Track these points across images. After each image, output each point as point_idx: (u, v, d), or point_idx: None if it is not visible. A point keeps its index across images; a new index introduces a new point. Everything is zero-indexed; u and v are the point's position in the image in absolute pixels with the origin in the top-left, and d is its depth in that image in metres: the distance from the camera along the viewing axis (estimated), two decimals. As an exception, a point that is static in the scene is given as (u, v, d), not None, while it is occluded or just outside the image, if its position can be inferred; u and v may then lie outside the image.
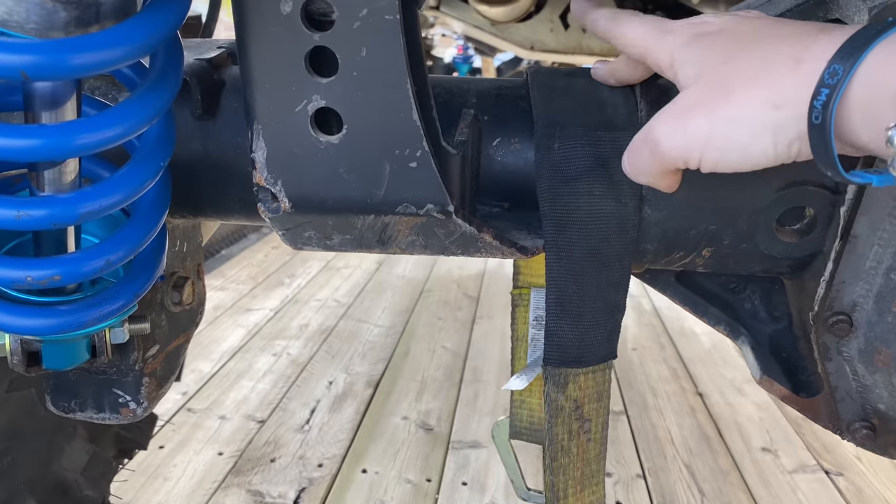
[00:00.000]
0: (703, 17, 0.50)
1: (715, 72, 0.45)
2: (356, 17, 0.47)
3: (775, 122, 0.41)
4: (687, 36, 0.48)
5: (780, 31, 0.44)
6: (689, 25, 0.49)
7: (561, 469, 0.63)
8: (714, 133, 0.43)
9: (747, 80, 0.43)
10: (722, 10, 0.62)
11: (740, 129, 0.42)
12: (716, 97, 0.44)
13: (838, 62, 0.39)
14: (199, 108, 0.61)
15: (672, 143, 0.45)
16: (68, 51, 0.39)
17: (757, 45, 0.44)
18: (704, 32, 0.47)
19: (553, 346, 0.60)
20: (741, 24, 0.47)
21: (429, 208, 0.53)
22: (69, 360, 0.64)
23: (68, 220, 0.47)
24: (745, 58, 0.44)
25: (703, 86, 0.45)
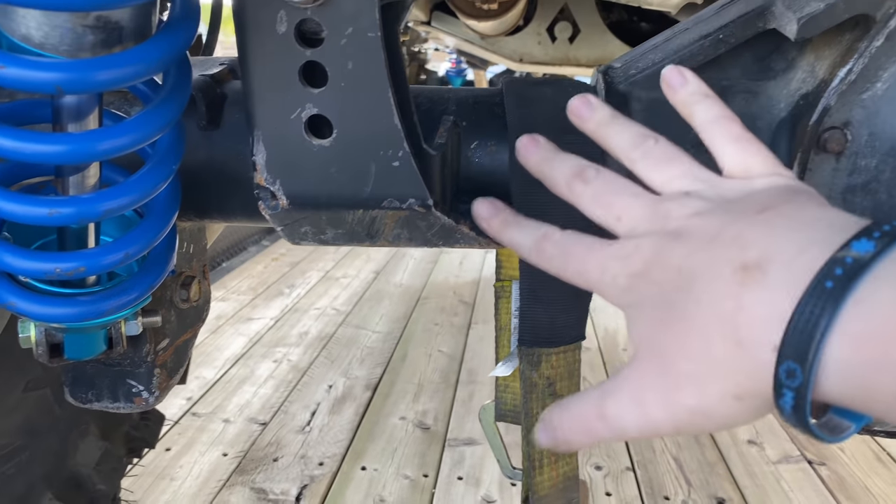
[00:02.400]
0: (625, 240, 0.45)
1: (655, 345, 0.40)
2: (343, 34, 0.53)
3: (745, 408, 0.36)
4: (620, 273, 0.43)
5: (699, 277, 0.38)
6: (615, 258, 0.44)
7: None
8: (679, 422, 0.39)
9: (695, 370, 0.37)
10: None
11: (706, 419, 0.38)
12: (667, 387, 0.39)
13: (791, 359, 0.32)
14: (203, 120, 0.68)
15: (636, 426, 0.40)
16: (95, 69, 0.46)
17: (687, 307, 0.38)
18: (633, 273, 0.43)
19: (526, 329, 0.66)
20: (661, 257, 0.41)
21: (410, 203, 0.59)
22: (88, 350, 0.70)
23: (93, 217, 0.53)
24: (682, 331, 0.38)
25: (649, 365, 0.40)
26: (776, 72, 0.66)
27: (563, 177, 0.50)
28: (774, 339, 0.33)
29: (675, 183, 0.45)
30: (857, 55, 0.59)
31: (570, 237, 0.48)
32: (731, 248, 0.37)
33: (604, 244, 0.46)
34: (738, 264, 0.36)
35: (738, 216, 0.39)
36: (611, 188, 0.47)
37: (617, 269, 0.43)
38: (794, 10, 0.58)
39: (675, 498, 1.60)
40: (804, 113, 0.62)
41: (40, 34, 0.45)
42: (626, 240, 0.44)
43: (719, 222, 0.40)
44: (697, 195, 0.43)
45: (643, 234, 0.43)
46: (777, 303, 0.33)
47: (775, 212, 0.38)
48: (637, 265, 0.42)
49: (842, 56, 0.60)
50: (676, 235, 0.41)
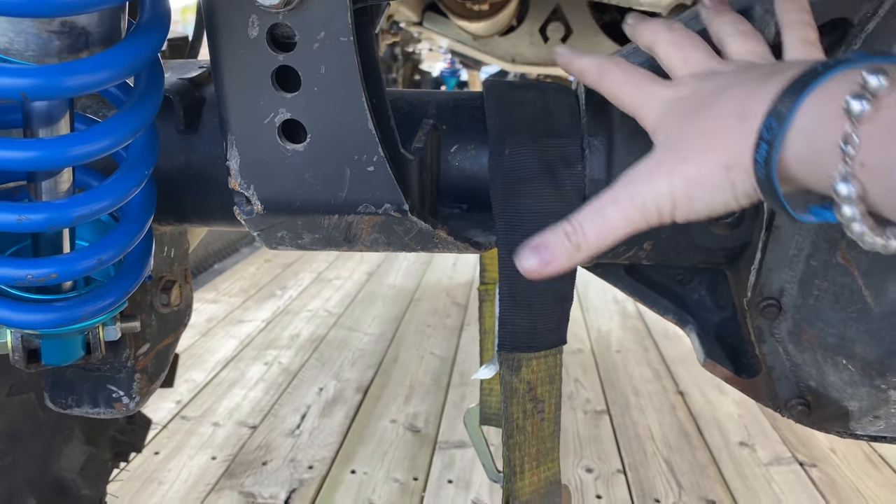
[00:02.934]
0: (680, 78, 0.52)
1: (676, 135, 0.47)
2: (315, 39, 0.53)
3: (730, 180, 0.43)
4: (665, 100, 0.50)
5: (736, 85, 0.46)
6: (668, 88, 0.51)
7: (517, 446, 0.69)
8: (676, 192, 0.45)
9: (701, 143, 0.45)
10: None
11: (700, 189, 0.45)
12: (674, 160, 0.46)
13: (773, 116, 0.40)
14: (181, 123, 0.67)
15: (643, 201, 0.47)
16: (61, 74, 0.45)
17: (714, 105, 0.46)
18: (679, 97, 0.49)
19: (506, 333, 0.66)
20: (708, 82, 0.48)
21: (386, 207, 0.59)
22: (66, 356, 0.70)
23: (63, 223, 0.53)
24: (701, 119, 0.46)
25: (666, 149, 0.47)
26: None
27: (651, 26, 0.56)
28: (767, 105, 0.41)
29: (745, 55, 0.52)
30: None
31: (635, 66, 0.55)
32: (762, 70, 0.46)
33: (663, 79, 0.52)
34: (768, 72, 0.44)
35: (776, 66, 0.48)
36: (690, 38, 0.54)
37: (666, 94, 0.50)
38: (773, 13, 0.58)
39: (666, 500, 1.60)
40: None
41: (5, 40, 0.45)
42: (681, 77, 0.52)
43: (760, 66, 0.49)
44: (754, 62, 0.51)
45: (698, 73, 0.51)
46: (783, 86, 0.41)
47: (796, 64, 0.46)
48: (685, 91, 0.49)
49: None
50: (726, 72, 0.49)
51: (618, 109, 0.66)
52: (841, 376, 0.69)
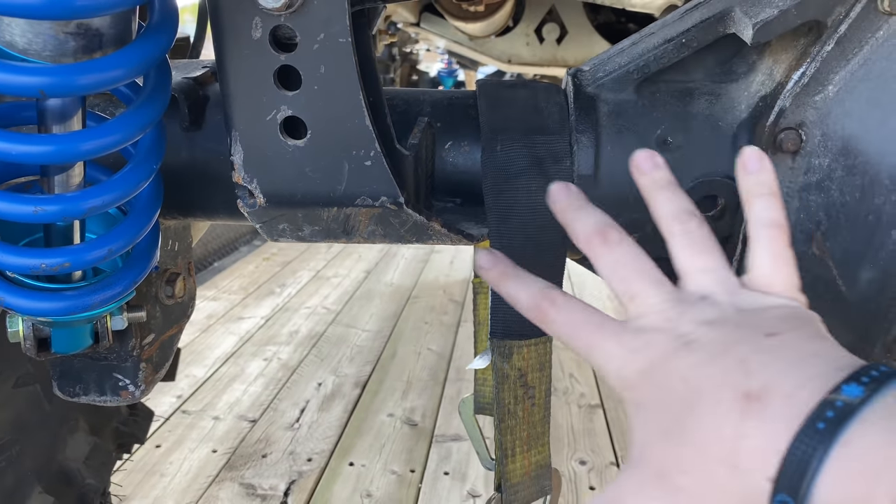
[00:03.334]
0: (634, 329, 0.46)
1: (656, 454, 0.42)
2: (315, 40, 0.56)
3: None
4: (626, 367, 0.45)
5: (704, 398, 0.40)
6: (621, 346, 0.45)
7: (508, 430, 0.72)
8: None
9: (693, 488, 0.40)
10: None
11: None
12: (665, 498, 0.41)
13: (785, 492, 0.35)
14: (186, 121, 0.70)
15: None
16: (76, 73, 0.48)
17: (689, 425, 0.40)
18: (636, 369, 0.44)
19: (498, 321, 0.69)
20: (670, 363, 0.43)
21: (383, 200, 0.62)
22: (75, 344, 0.73)
23: (77, 214, 0.56)
24: (682, 447, 0.40)
25: (649, 473, 0.42)
26: (737, 75, 0.68)
27: (584, 230, 0.50)
28: (770, 471, 0.36)
29: (699, 277, 0.47)
30: (809, 59, 0.61)
31: (576, 306, 0.49)
32: (737, 372, 0.39)
33: (614, 326, 0.47)
34: (742, 392, 0.38)
35: (746, 336, 0.41)
36: (633, 265, 0.48)
37: (623, 361, 0.45)
38: (751, 15, 0.61)
39: (658, 492, 1.63)
40: (763, 114, 0.65)
41: (24, 41, 0.47)
42: (635, 330, 0.46)
43: (728, 339, 0.42)
44: (714, 301, 0.45)
45: (653, 328, 0.45)
46: (775, 436, 0.36)
47: (781, 339, 0.41)
48: (643, 363, 0.44)
49: (797, 60, 0.63)
50: (686, 343, 0.43)
51: (605, 107, 0.69)
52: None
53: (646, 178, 0.51)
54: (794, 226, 0.66)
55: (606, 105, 0.69)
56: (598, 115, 0.68)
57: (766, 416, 0.37)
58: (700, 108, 0.68)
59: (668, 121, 0.67)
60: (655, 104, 0.68)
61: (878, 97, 0.61)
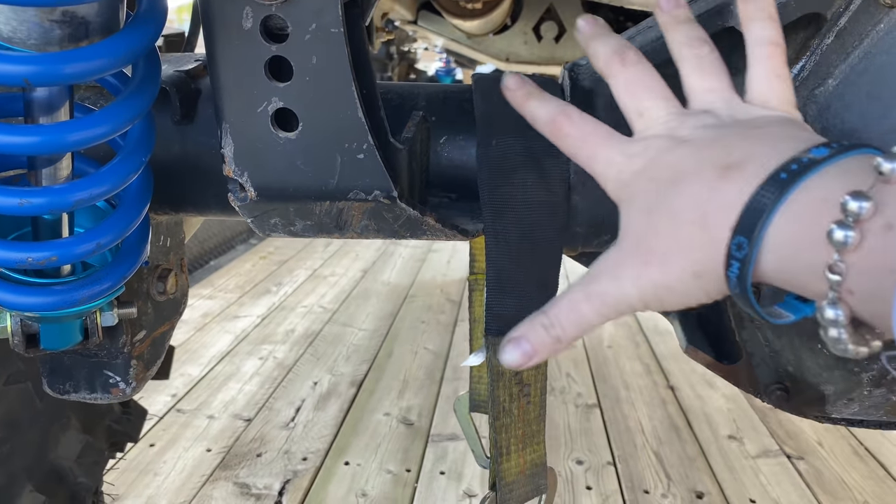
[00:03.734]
0: (636, 138, 0.49)
1: (637, 229, 0.45)
2: (307, 30, 0.55)
3: (700, 285, 0.42)
4: (620, 170, 0.47)
5: (692, 175, 0.43)
6: (622, 154, 0.48)
7: (503, 428, 0.71)
8: (645, 295, 0.44)
9: (664, 247, 0.43)
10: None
11: (668, 293, 0.43)
12: (638, 262, 0.44)
13: (741, 234, 0.38)
14: (177, 114, 0.69)
15: (615, 300, 0.45)
16: (62, 62, 0.47)
17: (670, 201, 0.43)
18: (633, 169, 0.47)
19: (493, 318, 0.68)
20: (662, 157, 0.46)
21: (376, 194, 0.61)
22: (64, 340, 0.72)
23: (63, 207, 0.55)
24: (660, 216, 0.43)
25: (628, 245, 0.45)
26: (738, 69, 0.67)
27: (605, 52, 0.53)
28: (732, 219, 0.39)
29: (705, 96, 0.49)
30: (809, 52, 0.61)
31: (589, 122, 0.51)
32: (720, 152, 0.42)
33: (619, 138, 0.49)
34: (722, 164, 0.41)
35: (735, 131, 0.44)
36: (645, 82, 0.51)
37: (622, 165, 0.48)
38: None
39: (655, 491, 1.62)
40: None
41: (8, 28, 0.46)
42: (638, 139, 0.49)
43: (718, 134, 0.45)
44: (714, 113, 0.48)
45: (655, 135, 0.48)
46: (744, 192, 0.39)
47: (766, 130, 0.44)
48: (640, 163, 0.47)
49: (796, 53, 0.62)
50: (681, 141, 0.46)
51: (601, 101, 0.68)
52: (817, 361, 0.71)
53: (665, 15, 0.54)
54: None
55: (603, 99, 0.68)
56: (595, 109, 0.67)
57: (740, 178, 0.40)
58: None
59: None
60: None
61: (878, 91, 0.60)
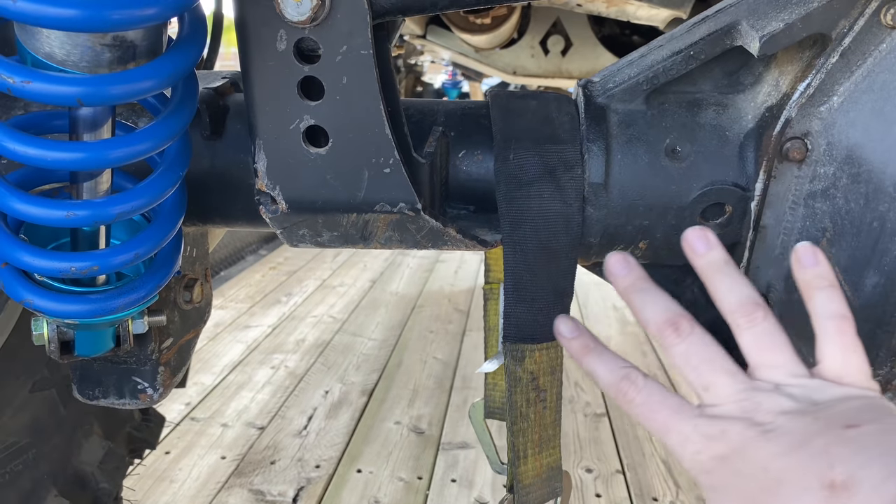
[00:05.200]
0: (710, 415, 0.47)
1: None
2: (338, 52, 0.58)
3: None
4: (703, 452, 0.46)
5: (786, 485, 0.41)
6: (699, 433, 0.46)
7: (520, 432, 0.73)
8: None
9: None
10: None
11: None
12: None
13: None
14: (207, 130, 0.72)
15: None
16: (112, 83, 0.50)
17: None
18: (716, 456, 0.45)
19: (511, 326, 0.70)
20: (748, 451, 0.44)
21: (401, 207, 0.64)
22: (97, 347, 0.74)
23: (106, 219, 0.57)
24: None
25: None
26: (744, 86, 0.70)
27: (655, 318, 0.53)
28: None
29: (770, 372, 0.49)
30: (815, 71, 0.63)
31: (655, 389, 0.51)
32: (820, 461, 0.40)
33: (691, 411, 0.48)
34: (827, 481, 0.39)
35: (826, 427, 0.42)
36: (704, 354, 0.51)
37: (700, 446, 0.46)
38: (757, 28, 0.62)
39: (664, 499, 1.64)
40: (769, 124, 0.67)
41: (62, 52, 0.50)
42: (711, 418, 0.47)
43: (808, 430, 0.43)
44: (788, 392, 0.47)
45: (729, 416, 0.46)
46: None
47: (862, 430, 0.42)
48: (721, 449, 0.45)
49: (802, 71, 0.65)
50: (764, 432, 0.44)
51: (615, 117, 0.71)
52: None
53: (701, 259, 0.54)
54: (800, 233, 0.68)
55: (616, 115, 0.70)
56: (608, 125, 0.70)
57: (849, 500, 0.38)
58: (708, 119, 0.69)
59: (676, 130, 0.69)
60: (664, 114, 0.69)
61: (881, 108, 0.63)
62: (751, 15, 0.64)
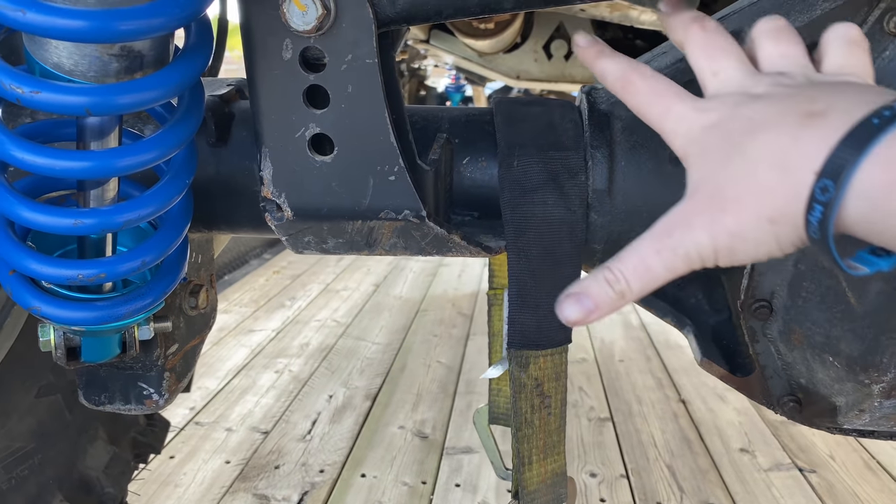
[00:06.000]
0: (709, 97, 0.49)
1: (710, 179, 0.44)
2: (343, 61, 0.58)
3: (774, 234, 0.41)
4: (692, 126, 0.47)
5: (771, 124, 0.42)
6: (695, 110, 0.48)
7: (525, 438, 0.73)
8: (718, 244, 0.43)
9: (739, 193, 0.42)
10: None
11: (742, 242, 0.42)
12: (712, 208, 0.43)
13: (827, 177, 0.37)
14: (212, 137, 0.73)
15: (686, 252, 0.44)
16: (120, 93, 0.50)
17: (747, 148, 0.43)
18: (707, 124, 0.46)
19: (515, 332, 0.71)
20: (738, 110, 0.45)
21: (405, 214, 0.64)
22: (104, 353, 0.75)
23: (113, 227, 0.58)
24: (735, 164, 0.43)
25: (701, 195, 0.44)
26: None
27: (683, 19, 0.54)
28: (817, 165, 0.38)
29: (778, 61, 0.50)
30: None
31: (660, 79, 0.51)
32: (802, 102, 0.42)
33: (691, 96, 0.49)
34: (805, 112, 0.41)
35: (815, 86, 0.44)
36: (722, 44, 0.51)
37: (694, 120, 0.47)
38: None
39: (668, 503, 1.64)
40: None
41: (70, 62, 0.50)
42: (711, 97, 0.49)
43: (797, 90, 0.44)
44: (790, 75, 0.48)
45: (729, 93, 0.48)
46: (828, 137, 0.38)
47: (848, 86, 0.44)
48: (713, 117, 0.46)
49: None
50: (757, 97, 0.45)
51: (618, 124, 0.71)
52: (828, 373, 0.73)
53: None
54: None
55: (620, 122, 0.71)
56: (612, 132, 0.70)
57: (825, 124, 0.39)
58: None
59: None
60: None
61: None
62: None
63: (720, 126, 0.46)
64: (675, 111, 0.49)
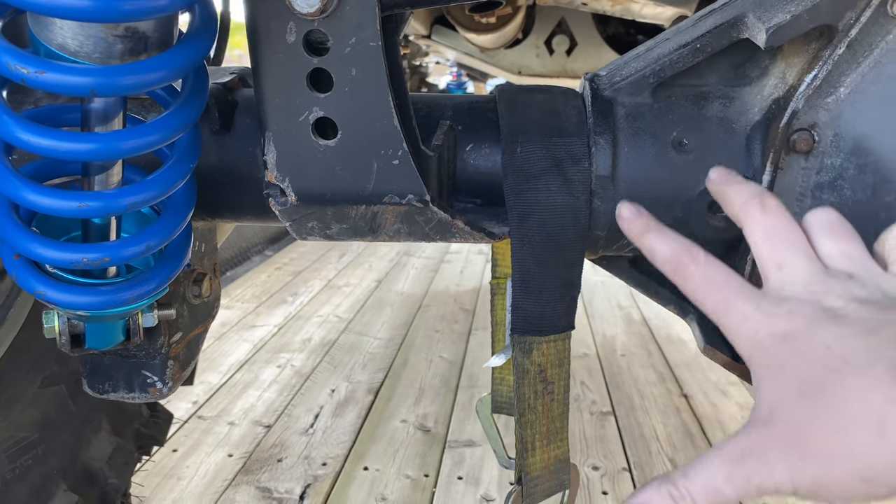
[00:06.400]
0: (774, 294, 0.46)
1: (790, 414, 0.42)
2: (347, 44, 0.58)
3: (868, 489, 0.39)
4: (758, 330, 0.45)
5: (854, 367, 0.40)
6: (760, 311, 0.45)
7: (528, 424, 0.73)
8: (799, 486, 0.41)
9: (829, 447, 0.40)
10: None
11: (826, 490, 0.40)
12: (796, 452, 0.41)
13: None
14: (216, 124, 0.73)
15: (761, 484, 0.42)
16: (124, 74, 0.51)
17: (832, 389, 0.40)
18: (775, 332, 0.44)
19: (518, 318, 0.71)
20: (815, 333, 0.42)
21: (409, 198, 0.64)
22: (108, 340, 0.75)
23: (118, 210, 0.58)
24: (821, 409, 0.40)
25: (780, 431, 0.42)
26: (751, 78, 0.70)
27: (742, 195, 0.52)
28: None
29: (841, 260, 0.48)
30: (821, 62, 0.63)
31: (717, 267, 0.50)
32: (890, 348, 0.40)
33: (753, 290, 0.47)
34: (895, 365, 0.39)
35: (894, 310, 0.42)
36: (786, 233, 0.49)
37: (761, 325, 0.45)
38: (764, 20, 0.63)
39: (670, 497, 1.63)
40: (776, 116, 0.67)
41: (75, 43, 0.50)
42: (777, 299, 0.46)
43: (879, 318, 0.42)
44: (860, 281, 0.46)
45: (796, 297, 0.45)
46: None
47: None
48: (784, 327, 0.44)
49: (809, 63, 0.65)
50: (833, 316, 0.43)
51: (622, 110, 0.71)
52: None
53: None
54: None
55: (623, 108, 0.71)
56: (615, 118, 0.70)
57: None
58: (714, 111, 0.70)
59: (683, 123, 0.69)
60: (671, 107, 0.70)
61: (888, 98, 0.63)
62: (757, 7, 0.64)
63: (793, 343, 0.43)
64: (737, 309, 0.47)
